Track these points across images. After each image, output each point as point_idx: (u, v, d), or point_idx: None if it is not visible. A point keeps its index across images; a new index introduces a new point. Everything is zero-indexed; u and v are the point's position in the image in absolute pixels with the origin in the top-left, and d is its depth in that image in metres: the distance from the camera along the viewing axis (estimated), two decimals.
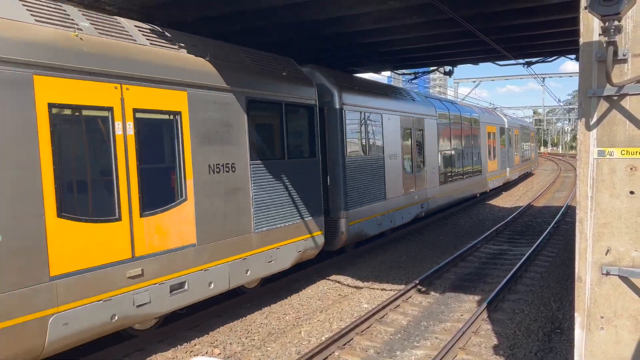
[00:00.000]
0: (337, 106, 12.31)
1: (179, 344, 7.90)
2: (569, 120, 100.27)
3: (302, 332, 8.36)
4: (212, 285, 8.28)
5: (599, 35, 4.30)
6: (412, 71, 19.83)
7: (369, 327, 8.39)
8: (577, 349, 4.60)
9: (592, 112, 4.43)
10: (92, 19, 7.08)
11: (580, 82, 4.51)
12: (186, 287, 7.78)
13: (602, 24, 3.99)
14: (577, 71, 4.71)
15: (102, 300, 6.55)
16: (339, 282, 11.23)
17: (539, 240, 14.34)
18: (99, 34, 6.95)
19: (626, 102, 4.32)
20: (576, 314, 4.58)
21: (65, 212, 6.16)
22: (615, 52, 4.14)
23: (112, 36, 7.11)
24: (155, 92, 7.40)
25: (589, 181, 4.47)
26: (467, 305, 9.54)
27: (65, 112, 6.32)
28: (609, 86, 4.29)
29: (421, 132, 17.17)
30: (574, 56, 15.73)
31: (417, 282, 10.51)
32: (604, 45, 4.16)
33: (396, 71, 19.77)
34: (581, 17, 4.41)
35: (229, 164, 8.71)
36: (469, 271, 11.94)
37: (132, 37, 7.45)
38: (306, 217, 10.67)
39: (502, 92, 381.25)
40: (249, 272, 9.08)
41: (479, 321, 8.40)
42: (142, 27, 7.90)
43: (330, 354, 7.35)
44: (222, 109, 8.58)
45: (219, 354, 7.62)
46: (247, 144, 9.09)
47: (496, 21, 11.08)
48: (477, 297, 9.91)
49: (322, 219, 11.25)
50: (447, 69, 17.66)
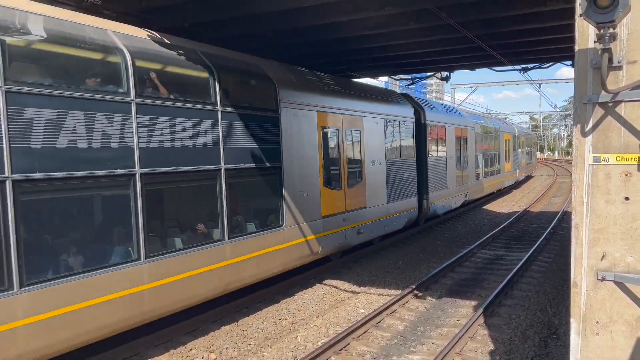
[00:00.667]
0: (423, 122, 17.57)
1: (175, 349, 7.88)
2: (565, 126, 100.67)
3: (298, 337, 8.35)
4: (372, 232, 13.95)
5: (594, 42, 4.33)
6: (409, 76, 19.88)
7: (365, 332, 8.38)
8: (572, 354, 4.61)
9: (588, 119, 4.46)
10: None
11: (575, 88, 4.53)
12: (363, 231, 13.26)
13: (597, 31, 4.02)
14: (573, 77, 4.74)
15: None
16: (335, 287, 11.22)
17: (535, 245, 14.37)
18: None
19: (621, 109, 4.34)
20: (572, 320, 4.59)
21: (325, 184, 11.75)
22: (610, 59, 4.17)
23: None
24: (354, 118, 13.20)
25: (585, 187, 4.49)
26: (464, 310, 9.54)
27: None
28: (604, 93, 4.32)
29: (465, 140, 22.20)
30: (570, 62, 15.81)
31: (413, 287, 10.51)
32: (599, 52, 4.18)
33: (393, 76, 19.83)
34: (576, 24, 4.44)
35: (379, 160, 14.31)
36: (465, 276, 11.95)
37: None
38: (410, 197, 16.22)
39: (498, 97, 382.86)
40: (385, 228, 14.63)
41: (476, 326, 8.41)
42: None
43: (326, 359, 7.34)
44: (375, 127, 14.16)
45: (215, 359, 7.60)
46: (384, 149, 14.61)
47: (493, 27, 11.14)
48: (473, 302, 9.92)
49: (416, 199, 16.60)
50: (444, 74, 17.74)
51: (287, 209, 10.29)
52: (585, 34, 4.42)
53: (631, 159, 4.32)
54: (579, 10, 4.18)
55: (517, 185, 35.76)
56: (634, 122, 4.30)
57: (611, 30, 3.93)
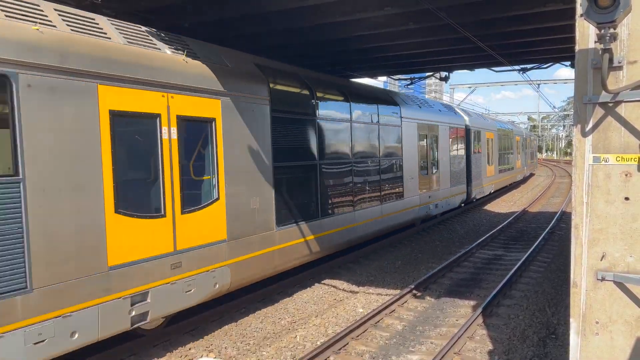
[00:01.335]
0: (468, 128, 22.95)
1: (174, 348, 7.87)
2: (564, 126, 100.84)
3: (297, 337, 8.35)
4: (442, 207, 19.34)
5: (595, 42, 4.34)
6: (408, 76, 19.90)
7: (364, 332, 8.39)
8: (572, 354, 4.61)
9: (588, 119, 4.46)
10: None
11: (575, 88, 4.54)
12: (438, 205, 18.20)
13: (597, 32, 4.02)
14: (572, 78, 4.76)
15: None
16: (334, 286, 11.23)
17: (534, 245, 14.38)
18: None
19: (621, 109, 4.35)
20: (571, 320, 4.60)
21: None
22: (610, 60, 4.18)
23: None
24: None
25: (585, 187, 4.49)
26: (463, 310, 9.55)
27: None
28: (604, 93, 4.32)
29: (492, 141, 27.72)
30: (569, 63, 15.84)
31: (412, 286, 10.52)
32: (600, 52, 4.19)
33: (392, 76, 19.84)
34: (577, 24, 4.45)
35: (445, 156, 19.75)
36: (464, 276, 11.96)
37: None
38: (462, 184, 21.79)
39: (497, 98, 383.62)
40: (449, 205, 20.14)
41: (474, 326, 8.41)
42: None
43: (325, 359, 7.34)
44: (444, 132, 19.50)
45: (214, 358, 7.59)
46: (448, 148, 19.85)
47: (492, 28, 11.14)
48: (472, 302, 9.93)
49: (465, 186, 22.19)
50: (443, 74, 17.76)
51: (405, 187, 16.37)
52: (585, 34, 4.42)
53: (631, 159, 4.32)
54: (579, 10, 4.19)
55: (516, 185, 35.97)
56: (634, 122, 4.31)
57: (612, 30, 3.93)
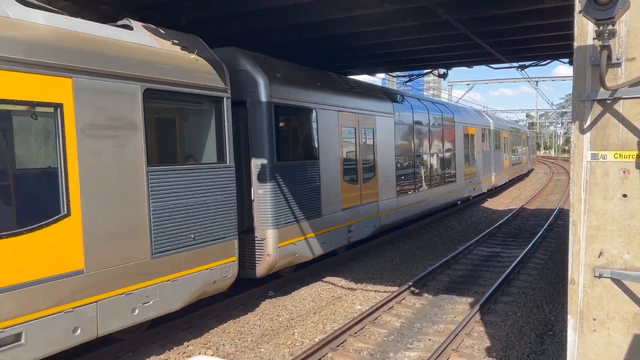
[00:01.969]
0: (493, 129, 27.95)
1: (172, 346, 7.87)
2: (562, 123, 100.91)
3: (295, 334, 8.35)
4: (477, 190, 24.19)
5: (593, 39, 4.33)
6: (406, 73, 19.88)
7: (362, 329, 8.39)
8: (569, 351, 4.62)
9: (586, 116, 4.46)
10: None
11: (574, 85, 4.53)
12: (475, 189, 23.53)
13: (596, 28, 4.02)
14: (570, 75, 4.74)
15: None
16: (332, 283, 11.23)
17: (532, 242, 14.40)
18: None
19: (619, 106, 4.35)
20: (569, 316, 4.60)
21: None
22: (609, 56, 4.17)
23: None
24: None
25: (583, 184, 4.50)
26: (460, 307, 9.56)
27: None
28: (602, 90, 4.32)
29: (507, 139, 32.40)
30: (567, 60, 15.83)
31: (410, 284, 10.53)
32: (598, 49, 4.19)
33: (390, 73, 19.82)
34: (575, 21, 4.44)
35: (480, 151, 24.62)
36: (462, 273, 11.97)
37: None
38: (491, 173, 26.58)
39: (495, 95, 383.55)
40: (474, 190, 23.45)
41: (472, 323, 8.42)
42: None
43: (323, 356, 7.34)
44: (480, 132, 24.55)
45: (212, 355, 7.59)
46: (481, 143, 24.09)
47: (491, 24, 11.13)
48: (470, 299, 9.94)
49: (490, 175, 26.60)
50: (442, 71, 17.75)
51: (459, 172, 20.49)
52: (584, 31, 4.42)
53: (629, 156, 4.33)
54: (578, 7, 4.18)
55: (514, 182, 36.05)
56: (632, 119, 4.31)
57: (610, 27, 3.93)
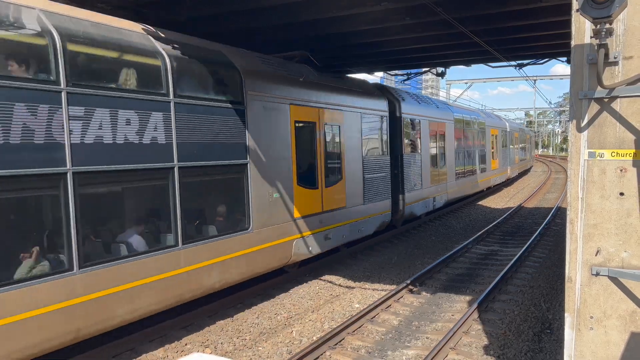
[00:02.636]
0: (508, 130, 33.75)
1: (170, 344, 7.87)
2: (560, 122, 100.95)
3: (293, 332, 8.36)
4: (494, 180, 29.26)
5: (591, 37, 4.34)
6: (404, 72, 19.87)
7: (360, 327, 8.40)
8: (566, 349, 4.63)
9: (583, 114, 4.47)
10: None
11: (571, 84, 4.54)
12: (497, 180, 29.96)
13: (593, 27, 4.02)
14: (568, 74, 4.75)
15: None
16: (330, 282, 11.24)
17: (530, 241, 14.43)
18: None
19: (617, 105, 4.36)
20: (566, 314, 4.61)
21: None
22: (606, 55, 4.18)
23: None
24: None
25: (580, 182, 4.51)
26: (458, 305, 9.58)
27: None
28: (600, 88, 4.33)
29: (517, 138, 37.89)
30: (565, 58, 15.83)
31: (408, 282, 10.54)
32: (595, 47, 4.19)
33: (389, 72, 19.81)
34: (573, 19, 4.44)
35: (503, 150, 31.98)
36: (460, 272, 11.99)
37: None
38: (507, 166, 32.52)
39: (493, 93, 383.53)
40: (496, 179, 29.67)
41: (470, 321, 8.44)
42: None
43: (321, 354, 7.35)
44: (502, 133, 31.54)
45: (210, 353, 7.59)
46: (501, 145, 31.38)
47: (489, 23, 11.13)
48: (468, 298, 9.96)
49: (506, 168, 32.14)
50: (440, 70, 17.72)
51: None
52: (581, 30, 4.42)
53: (626, 154, 4.34)
54: (575, 5, 4.19)
55: (512, 181, 36.16)
56: (629, 117, 4.32)
57: (607, 25, 3.93)
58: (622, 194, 4.37)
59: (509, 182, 35.26)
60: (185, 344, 7.90)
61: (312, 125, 11.47)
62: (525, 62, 16.38)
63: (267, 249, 9.79)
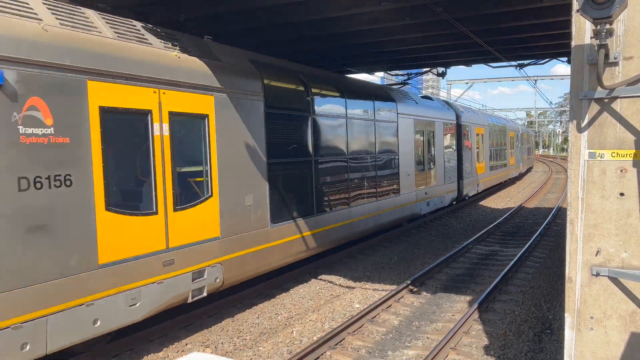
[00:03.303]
0: (520, 132, 40.33)
1: (170, 344, 7.88)
2: (561, 122, 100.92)
3: (293, 332, 8.36)
4: (514, 173, 36.84)
5: (591, 38, 4.34)
6: (405, 72, 19.88)
7: (360, 327, 8.41)
8: (567, 349, 4.64)
9: (584, 115, 4.47)
10: None
11: (572, 84, 4.54)
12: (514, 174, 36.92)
13: (593, 27, 4.02)
14: (569, 74, 4.75)
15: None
16: (331, 282, 11.24)
17: (530, 241, 14.42)
18: None
19: (617, 105, 4.36)
20: (566, 315, 4.62)
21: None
22: (606, 55, 4.18)
23: None
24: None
25: (580, 183, 4.51)
26: (459, 305, 9.58)
27: None
28: (600, 89, 4.33)
29: (525, 139, 41.83)
30: (565, 59, 15.84)
31: (408, 282, 10.54)
32: (596, 48, 4.19)
33: (389, 72, 19.82)
34: (573, 20, 4.45)
35: (517, 148, 38.93)
36: (460, 272, 11.99)
37: None
38: (519, 163, 38.94)
39: (494, 94, 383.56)
40: (516, 172, 37.73)
41: (470, 321, 8.44)
42: None
43: (322, 354, 7.35)
44: (518, 135, 39.32)
45: (210, 353, 7.59)
46: (515, 144, 37.34)
47: (489, 23, 11.14)
48: (468, 298, 9.96)
49: (520, 164, 38.99)
50: (440, 70, 17.74)
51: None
52: (582, 30, 4.42)
53: (626, 155, 4.33)
54: (576, 5, 4.19)
55: (512, 181, 36.19)
56: (629, 118, 4.32)
57: (608, 26, 3.93)
58: (622, 195, 4.37)
59: (510, 182, 35.30)
60: (185, 343, 7.91)
61: (430, 132, 18.37)
62: (525, 62, 16.39)
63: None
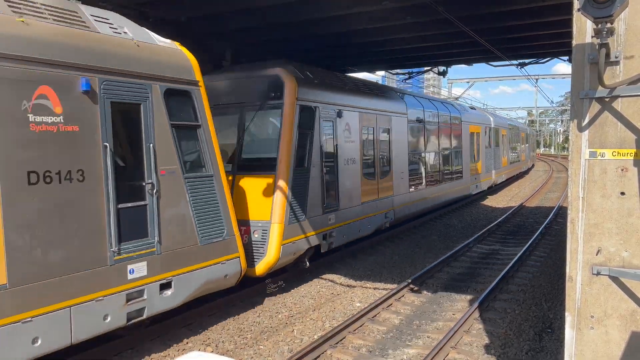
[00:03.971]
0: (529, 132, 50.45)
1: (171, 342, 7.89)
2: (562, 121, 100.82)
3: (294, 331, 8.37)
4: (524, 168, 43.88)
5: (592, 37, 4.33)
6: (406, 71, 19.88)
7: (361, 326, 8.41)
8: (567, 348, 4.64)
9: (584, 114, 4.47)
10: None
11: (572, 83, 4.54)
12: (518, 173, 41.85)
13: (594, 26, 4.02)
14: (570, 73, 4.74)
15: None
16: (331, 280, 11.25)
17: (531, 240, 14.42)
18: None
19: (618, 104, 4.35)
20: (567, 314, 4.62)
21: None
22: (607, 54, 4.17)
23: None
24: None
25: (581, 182, 4.50)
26: (459, 304, 9.58)
27: None
28: (601, 88, 4.32)
29: (531, 137, 48.57)
30: (566, 57, 15.83)
31: (409, 281, 10.55)
32: (597, 47, 4.19)
33: (390, 71, 19.82)
34: (574, 19, 4.44)
35: (527, 146, 47.38)
36: (461, 271, 11.99)
37: None
38: (528, 160, 46.30)
39: (495, 92, 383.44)
40: (525, 167, 44.19)
41: (471, 320, 8.44)
42: None
43: (322, 353, 7.36)
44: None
45: (211, 352, 7.60)
46: (526, 142, 45.52)
47: (490, 22, 11.13)
48: (469, 297, 9.96)
49: (528, 161, 46.74)
50: (441, 69, 17.74)
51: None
52: (582, 29, 4.42)
53: (627, 154, 4.33)
54: (576, 4, 4.18)
55: (512, 180, 36.20)
56: (630, 117, 4.31)
57: (609, 25, 3.93)
58: (623, 194, 4.37)
59: (511, 180, 35.33)
60: (186, 342, 7.92)
61: (477, 134, 24.07)
62: (526, 61, 16.38)
63: (467, 187, 23.79)
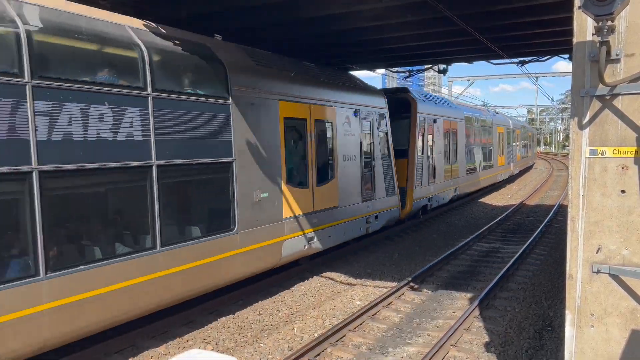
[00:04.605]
0: (534, 132, 55.13)
1: (171, 340, 7.89)
2: (562, 119, 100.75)
3: (294, 329, 8.37)
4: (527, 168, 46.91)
5: (592, 35, 4.33)
6: (406, 69, 19.83)
7: (361, 324, 8.42)
8: (567, 346, 4.64)
9: (585, 112, 4.46)
10: None
11: (573, 81, 4.53)
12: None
13: (595, 24, 4.01)
14: (570, 71, 4.74)
15: None
16: (332, 279, 11.25)
17: (531, 238, 14.42)
18: None
19: (618, 102, 4.35)
20: (567, 312, 4.62)
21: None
22: (608, 52, 4.17)
23: None
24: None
25: (581, 180, 4.50)
26: (460, 302, 9.59)
27: None
28: (601, 86, 4.32)
29: (532, 137, 47.89)
30: (567, 56, 15.80)
31: (409, 279, 10.55)
32: (597, 45, 4.18)
33: (390, 69, 19.78)
34: (575, 16, 4.43)
35: (532, 145, 52.31)
36: (461, 269, 12.00)
37: None
38: (532, 159, 50.41)
39: (495, 91, 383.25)
40: (528, 167, 48.17)
41: (471, 318, 8.45)
42: None
43: (322, 351, 7.37)
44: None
45: (211, 350, 7.61)
46: (530, 141, 47.92)
47: (491, 20, 11.10)
48: (469, 295, 9.96)
49: (531, 158, 48.77)
50: (442, 67, 17.68)
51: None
52: (583, 27, 4.41)
53: (628, 152, 4.33)
54: (577, 2, 4.17)
55: (512, 179, 36.20)
56: (631, 115, 4.31)
57: (609, 23, 3.92)
58: (623, 192, 4.36)
59: (512, 179, 35.35)
60: (186, 340, 7.92)
61: (501, 134, 28.17)
62: (527, 59, 16.33)
63: (496, 175, 28.97)
